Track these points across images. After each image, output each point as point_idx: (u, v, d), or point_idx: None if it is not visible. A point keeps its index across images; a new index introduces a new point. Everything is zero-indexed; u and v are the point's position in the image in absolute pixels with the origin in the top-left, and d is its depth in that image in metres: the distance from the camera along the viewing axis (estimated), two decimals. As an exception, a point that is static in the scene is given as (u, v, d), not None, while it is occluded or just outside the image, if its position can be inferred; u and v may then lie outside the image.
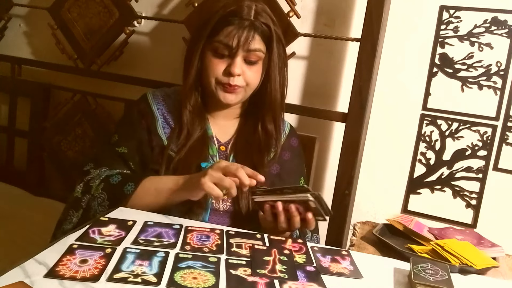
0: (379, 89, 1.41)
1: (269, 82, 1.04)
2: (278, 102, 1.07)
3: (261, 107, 1.07)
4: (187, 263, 0.70)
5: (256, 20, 0.97)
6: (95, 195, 0.95)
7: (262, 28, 0.98)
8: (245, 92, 1.04)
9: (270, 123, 1.08)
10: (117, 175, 0.98)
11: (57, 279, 0.62)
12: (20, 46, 1.87)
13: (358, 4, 1.42)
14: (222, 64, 1.00)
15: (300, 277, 0.71)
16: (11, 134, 1.86)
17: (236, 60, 0.98)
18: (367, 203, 1.51)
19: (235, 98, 1.03)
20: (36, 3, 1.77)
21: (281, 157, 1.11)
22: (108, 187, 0.96)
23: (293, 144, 1.17)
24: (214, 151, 1.06)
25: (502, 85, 1.36)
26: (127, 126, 1.08)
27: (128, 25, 1.63)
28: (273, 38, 1.01)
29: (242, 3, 0.98)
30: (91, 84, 1.71)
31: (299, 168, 1.17)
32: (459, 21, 1.38)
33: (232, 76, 0.99)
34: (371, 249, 1.25)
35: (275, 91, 1.05)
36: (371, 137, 1.45)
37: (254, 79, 1.03)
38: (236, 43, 0.96)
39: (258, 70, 1.03)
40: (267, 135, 1.08)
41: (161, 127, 1.06)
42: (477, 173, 1.41)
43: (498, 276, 1.13)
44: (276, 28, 1.02)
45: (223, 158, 1.06)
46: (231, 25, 0.96)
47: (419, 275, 0.72)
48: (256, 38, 0.98)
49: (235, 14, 0.97)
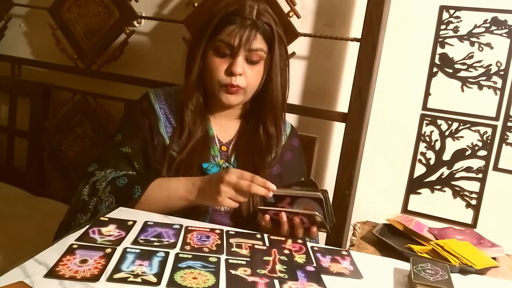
0: (379, 89, 1.41)
1: (271, 83, 1.04)
2: (280, 103, 1.06)
3: (262, 108, 1.07)
4: (187, 263, 0.70)
5: (258, 19, 0.97)
6: (102, 198, 0.94)
7: (264, 27, 0.98)
8: (247, 93, 1.04)
9: (271, 125, 1.07)
10: (123, 177, 0.97)
11: (57, 279, 0.62)
12: (20, 46, 1.87)
13: (358, 4, 1.42)
14: (223, 64, 0.99)
15: (300, 277, 0.71)
16: (11, 134, 1.86)
17: (238, 60, 0.98)
18: (367, 203, 1.51)
19: (236, 99, 1.03)
20: (36, 3, 1.77)
21: (282, 157, 1.11)
22: (115, 190, 0.95)
23: (294, 144, 1.17)
24: (216, 151, 1.06)
25: (502, 85, 1.36)
26: (130, 126, 1.07)
27: (128, 25, 1.63)
28: (275, 38, 1.00)
29: (244, 3, 0.98)
30: (91, 84, 1.71)
31: (300, 168, 1.18)
32: (459, 21, 1.38)
33: (234, 76, 0.98)
34: (371, 249, 1.25)
35: (277, 92, 1.05)
36: (371, 137, 1.45)
37: (256, 79, 1.03)
38: (237, 42, 0.96)
39: (260, 70, 1.03)
40: (268, 137, 1.08)
41: (164, 126, 1.05)
42: (477, 173, 1.41)
43: (498, 276, 1.13)
44: (278, 28, 1.02)
45: (224, 159, 1.06)
46: (233, 24, 0.96)
47: (419, 275, 0.72)
48: (257, 38, 0.98)
49: (237, 13, 0.96)
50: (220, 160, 1.05)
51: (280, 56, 1.03)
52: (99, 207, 0.94)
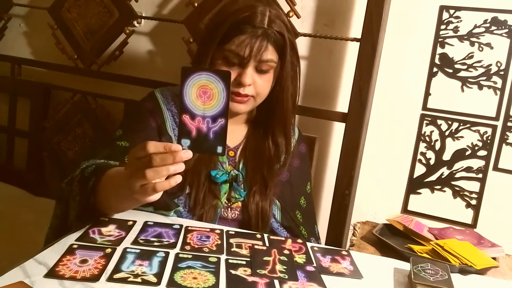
0: (379, 89, 1.41)
1: (281, 91, 1.00)
2: (289, 112, 1.03)
3: (272, 116, 1.04)
4: (187, 263, 0.70)
5: (270, 28, 0.93)
6: (72, 187, 0.86)
7: (276, 37, 0.94)
8: (255, 102, 1.00)
9: (280, 135, 1.04)
10: (93, 165, 0.84)
11: (57, 279, 0.62)
12: (20, 46, 1.87)
13: (358, 4, 1.42)
14: (232, 73, 0.94)
15: (300, 277, 0.71)
16: (11, 134, 1.86)
17: (247, 71, 0.94)
18: (367, 203, 1.51)
19: (246, 108, 1.00)
20: (36, 3, 1.77)
21: (290, 164, 1.08)
22: (81, 179, 0.84)
23: (302, 150, 1.16)
24: (224, 157, 1.02)
25: (502, 85, 1.36)
26: (133, 123, 1.02)
27: (128, 25, 1.63)
28: (287, 47, 0.96)
29: (256, 10, 0.93)
30: (91, 84, 1.71)
31: (306, 174, 1.17)
32: (459, 21, 1.38)
33: (243, 87, 0.95)
34: (371, 249, 1.25)
35: (287, 101, 1.01)
36: (371, 137, 1.45)
37: (265, 88, 0.99)
38: (248, 53, 0.92)
39: (269, 79, 0.99)
40: (277, 147, 1.05)
41: (171, 129, 1.01)
42: (477, 173, 1.41)
43: (498, 276, 1.13)
44: (290, 35, 0.98)
45: (232, 164, 1.03)
46: (243, 34, 0.92)
47: (419, 275, 0.72)
48: (269, 49, 0.94)
49: (248, 21, 0.92)
50: (228, 167, 1.02)
51: (292, 64, 0.99)
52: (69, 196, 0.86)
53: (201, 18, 1.50)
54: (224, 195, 0.99)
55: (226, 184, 1.00)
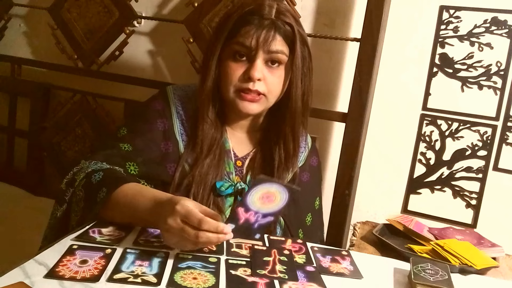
0: (379, 89, 1.41)
1: (291, 89, 0.94)
2: (299, 111, 0.95)
3: (282, 120, 0.97)
4: (187, 264, 0.70)
5: (278, 19, 0.88)
6: (76, 191, 0.84)
7: (284, 28, 0.89)
8: (267, 101, 0.94)
9: (291, 141, 0.98)
10: (100, 172, 0.84)
11: (57, 280, 0.61)
12: (20, 46, 1.87)
13: (358, 4, 1.42)
14: (240, 69, 0.90)
15: (300, 277, 0.71)
16: (11, 134, 1.86)
17: (256, 63, 0.88)
18: (367, 203, 1.51)
19: (257, 108, 0.93)
20: (36, 3, 1.77)
21: (300, 178, 1.03)
22: (87, 185, 0.83)
23: (313, 164, 1.10)
24: (231, 167, 0.97)
25: (502, 85, 1.36)
26: (140, 123, 0.97)
27: (128, 25, 1.63)
28: (297, 39, 0.90)
29: (263, 2, 0.90)
30: (91, 84, 1.71)
31: (316, 189, 1.13)
32: (459, 21, 1.38)
33: (252, 81, 0.89)
34: (371, 249, 1.25)
35: (296, 99, 0.94)
36: (371, 137, 1.45)
37: (277, 84, 0.93)
38: (254, 43, 0.87)
39: (281, 75, 0.93)
40: (286, 155, 0.99)
41: (179, 134, 0.96)
42: (477, 173, 1.41)
43: (498, 276, 1.13)
44: (300, 29, 0.93)
45: (239, 175, 0.98)
46: (249, 25, 0.88)
47: (419, 275, 0.72)
48: (277, 39, 0.88)
49: (255, 12, 0.88)
50: (235, 177, 0.97)
51: (303, 58, 0.93)
52: (72, 199, 0.85)
53: (201, 18, 1.50)
54: (228, 208, 0.95)
55: (231, 197, 0.96)
